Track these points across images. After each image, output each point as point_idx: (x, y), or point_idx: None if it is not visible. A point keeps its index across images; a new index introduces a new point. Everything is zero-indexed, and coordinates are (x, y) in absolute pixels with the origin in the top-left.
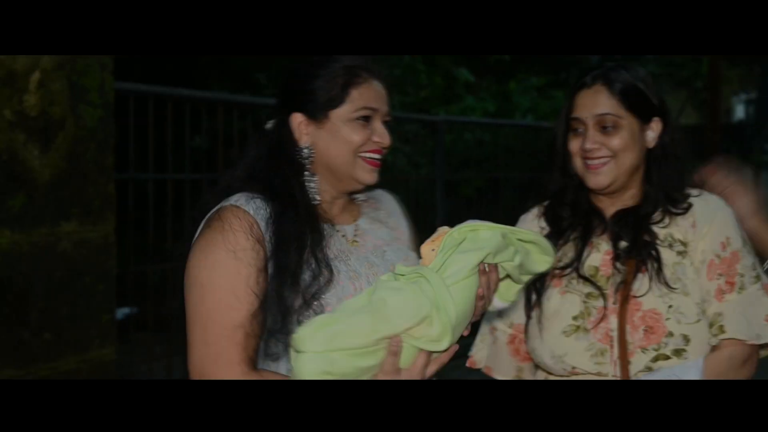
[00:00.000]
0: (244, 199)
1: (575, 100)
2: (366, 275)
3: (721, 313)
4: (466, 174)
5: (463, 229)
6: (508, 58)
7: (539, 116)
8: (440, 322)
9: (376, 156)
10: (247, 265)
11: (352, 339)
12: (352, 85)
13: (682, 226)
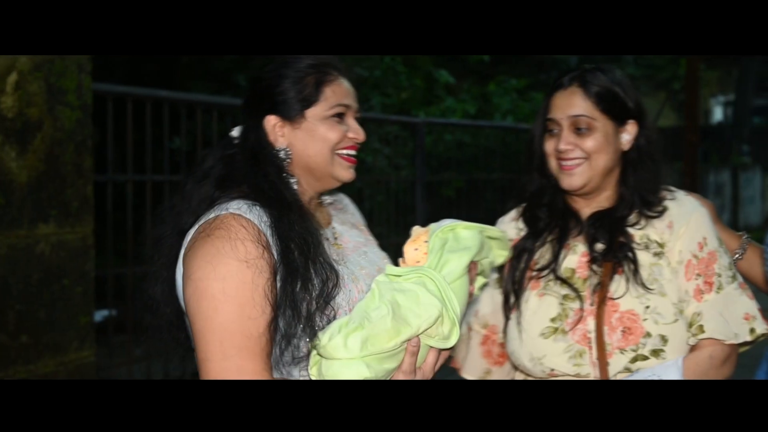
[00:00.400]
0: (246, 207)
1: (551, 101)
2: (362, 277)
3: (700, 313)
4: (447, 175)
5: (445, 229)
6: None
7: (519, 118)
8: (449, 319)
9: (352, 152)
10: (260, 274)
11: (382, 343)
12: (324, 83)
13: (659, 228)
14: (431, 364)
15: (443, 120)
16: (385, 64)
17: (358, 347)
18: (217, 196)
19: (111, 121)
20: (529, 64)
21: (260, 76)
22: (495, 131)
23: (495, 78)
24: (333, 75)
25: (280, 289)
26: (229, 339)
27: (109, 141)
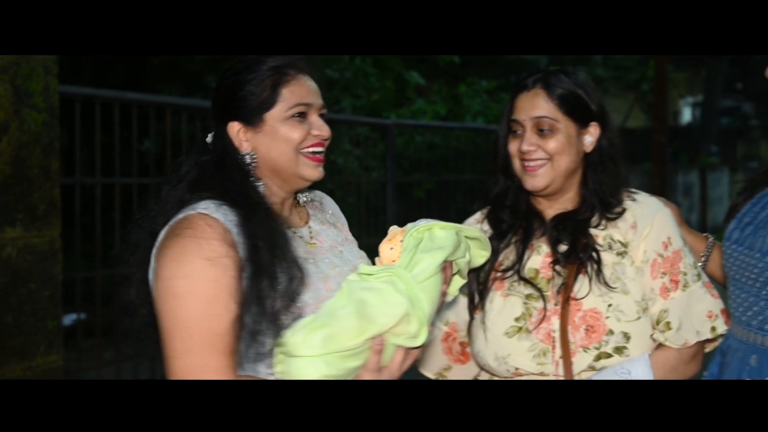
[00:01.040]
0: (213, 207)
1: (515, 102)
2: (333, 276)
3: (667, 310)
4: (417, 176)
5: (420, 228)
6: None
7: (489, 119)
8: (417, 318)
9: (318, 150)
10: (225, 272)
11: (344, 341)
12: (281, 84)
13: (622, 228)
14: (398, 363)
15: (413, 121)
16: (356, 65)
17: (318, 344)
18: (188, 198)
19: (79, 124)
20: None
21: (221, 83)
22: (465, 132)
23: (465, 79)
24: (290, 75)
25: (246, 286)
26: (193, 336)
27: (77, 143)
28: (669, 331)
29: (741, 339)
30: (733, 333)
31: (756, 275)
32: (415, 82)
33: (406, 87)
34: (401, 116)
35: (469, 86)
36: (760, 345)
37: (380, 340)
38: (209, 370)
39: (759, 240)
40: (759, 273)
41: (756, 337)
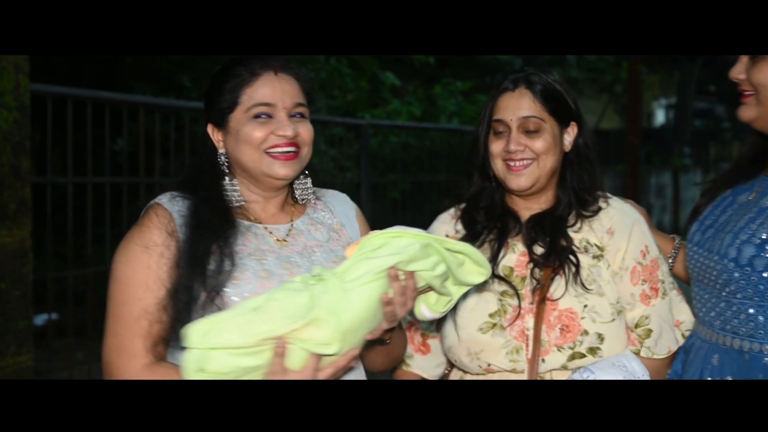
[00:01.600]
0: (167, 198)
1: (497, 103)
2: (280, 275)
3: (648, 317)
4: (392, 177)
5: (387, 234)
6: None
7: (464, 120)
8: (329, 326)
9: (283, 149)
10: (158, 258)
11: (231, 337)
12: (244, 85)
13: (598, 232)
14: (311, 369)
15: (388, 122)
16: (331, 66)
17: (200, 337)
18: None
19: (50, 123)
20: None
21: (209, 85)
22: (440, 133)
23: (440, 80)
24: (254, 75)
25: (178, 274)
26: (119, 318)
27: (49, 142)
28: (649, 338)
29: (704, 338)
30: (697, 331)
31: (716, 277)
32: (390, 82)
33: (381, 87)
34: (376, 117)
35: (444, 87)
36: (722, 345)
37: (282, 342)
38: (126, 353)
39: (718, 243)
40: (718, 275)
41: (718, 337)
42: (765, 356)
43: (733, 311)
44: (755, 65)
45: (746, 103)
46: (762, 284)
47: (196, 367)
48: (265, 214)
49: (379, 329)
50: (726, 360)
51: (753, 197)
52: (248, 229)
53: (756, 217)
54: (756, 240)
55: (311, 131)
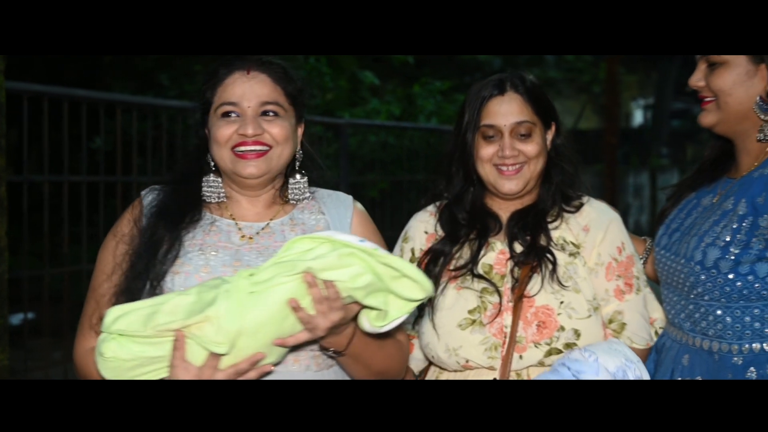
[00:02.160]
0: (148, 191)
1: (486, 108)
2: (223, 272)
3: (622, 312)
4: (371, 176)
5: (316, 239)
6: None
7: (443, 119)
8: (222, 326)
9: (250, 148)
10: (120, 246)
11: (132, 324)
12: (216, 84)
13: (574, 229)
14: (209, 367)
15: (367, 121)
16: (310, 65)
17: (108, 321)
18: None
19: (27, 121)
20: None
21: None
22: (419, 133)
23: (419, 80)
24: (226, 75)
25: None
26: (87, 300)
27: (25, 141)
28: (625, 331)
29: (675, 338)
30: (668, 331)
31: (683, 280)
32: (369, 81)
33: (360, 87)
34: (355, 116)
35: (423, 86)
36: (692, 345)
37: (179, 335)
38: (80, 334)
39: (684, 246)
40: (686, 278)
41: (688, 337)
42: (733, 356)
43: (701, 313)
44: (713, 72)
45: (706, 110)
46: (728, 286)
47: (98, 352)
48: (248, 211)
49: (297, 337)
50: (696, 360)
51: (716, 200)
52: (214, 224)
53: (720, 220)
54: (720, 243)
55: (284, 130)
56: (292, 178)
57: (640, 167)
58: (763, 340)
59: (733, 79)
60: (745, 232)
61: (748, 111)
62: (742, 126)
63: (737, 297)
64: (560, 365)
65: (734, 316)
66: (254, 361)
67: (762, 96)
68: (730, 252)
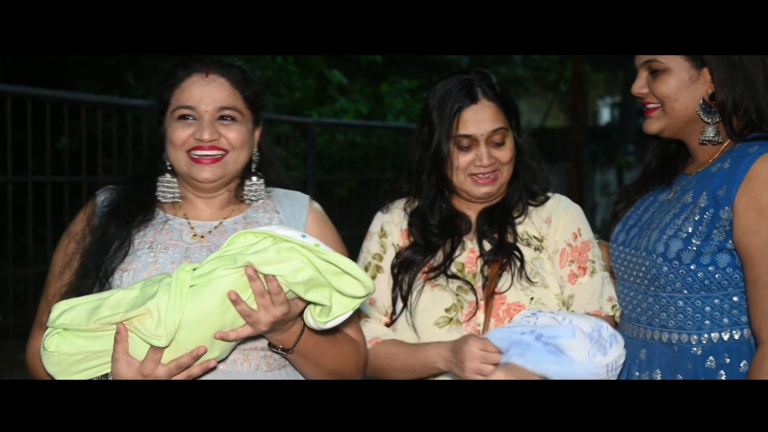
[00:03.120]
0: (103, 190)
1: (461, 117)
2: (171, 269)
3: (573, 295)
4: (339, 175)
5: (259, 233)
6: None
7: (411, 118)
8: (162, 319)
9: (206, 153)
10: (73, 245)
11: (76, 318)
12: (174, 85)
13: (537, 223)
14: (150, 360)
15: (334, 120)
16: (277, 64)
17: (54, 316)
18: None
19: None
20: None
21: None
22: (387, 131)
23: (387, 79)
24: (185, 77)
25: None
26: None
27: None
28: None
29: (630, 335)
30: (623, 330)
31: (644, 273)
32: (337, 80)
33: (328, 86)
34: (323, 115)
35: (391, 85)
36: (650, 339)
37: (121, 328)
38: (33, 333)
39: (645, 240)
40: (647, 270)
41: (645, 331)
42: (693, 347)
43: (661, 305)
44: (657, 79)
45: (652, 117)
46: (690, 276)
47: (44, 345)
48: (202, 211)
49: (240, 331)
50: (653, 354)
51: (672, 196)
52: (166, 223)
53: (680, 213)
54: (683, 234)
55: (241, 135)
56: (248, 180)
57: (607, 165)
58: (722, 330)
59: (677, 85)
60: (707, 224)
61: (694, 114)
62: (690, 128)
63: (698, 287)
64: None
65: (695, 307)
66: (196, 355)
67: (705, 99)
68: (692, 243)
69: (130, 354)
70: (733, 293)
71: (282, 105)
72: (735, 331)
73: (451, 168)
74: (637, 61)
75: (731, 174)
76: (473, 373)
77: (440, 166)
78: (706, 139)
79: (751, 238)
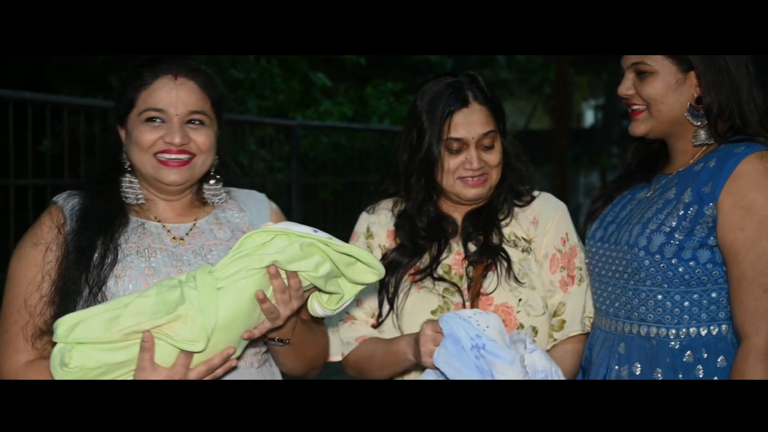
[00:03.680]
0: (65, 196)
1: (452, 120)
2: (167, 273)
3: (565, 303)
4: (323, 178)
5: (270, 231)
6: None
7: (395, 121)
8: (195, 323)
9: (174, 156)
10: (45, 254)
11: (96, 331)
12: (142, 87)
13: (524, 224)
14: (180, 366)
15: (318, 123)
16: (261, 66)
17: (65, 332)
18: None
19: None
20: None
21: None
22: (371, 134)
23: (371, 81)
24: (152, 79)
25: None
26: (7, 315)
27: None
28: (563, 329)
29: (608, 330)
30: (599, 326)
31: (624, 267)
32: (321, 83)
33: (312, 88)
34: (307, 117)
35: (375, 88)
36: (628, 333)
37: (148, 336)
38: (10, 348)
39: (626, 234)
40: (627, 264)
41: (624, 325)
42: (671, 341)
43: (641, 299)
44: (643, 81)
45: (638, 120)
46: (671, 270)
47: (60, 362)
48: (167, 213)
49: (261, 327)
50: (632, 347)
51: (651, 194)
52: (143, 227)
53: (663, 208)
54: (666, 228)
55: (209, 138)
56: (206, 183)
57: (591, 167)
58: (700, 325)
59: (664, 88)
60: (690, 220)
61: (680, 116)
62: (675, 129)
63: (678, 282)
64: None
65: (674, 301)
66: (226, 355)
67: (692, 103)
68: (675, 238)
69: (157, 362)
70: (712, 289)
71: (266, 108)
72: (713, 326)
73: (440, 171)
74: (624, 62)
75: (717, 172)
76: (427, 356)
77: (430, 169)
78: (699, 143)
79: (737, 235)
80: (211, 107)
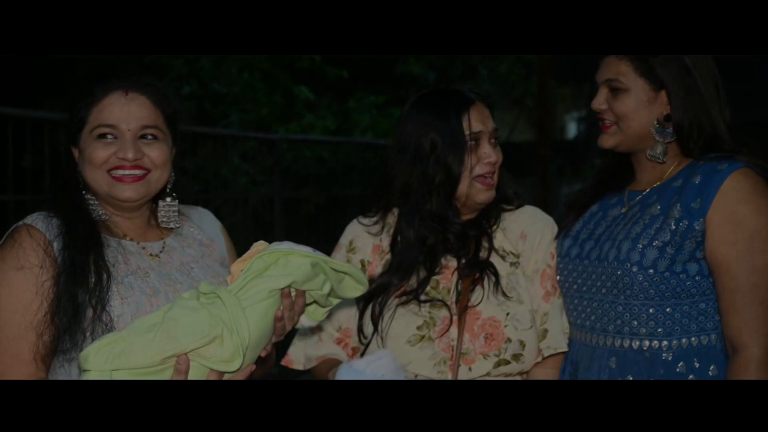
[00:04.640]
0: (41, 218)
1: (469, 114)
2: (165, 292)
3: (548, 313)
4: (306, 191)
5: (276, 252)
6: (347, 76)
7: (378, 134)
8: (233, 343)
9: (127, 172)
10: (35, 278)
11: (137, 358)
12: (92, 104)
13: (512, 237)
14: None
15: (301, 136)
16: (244, 79)
17: (108, 359)
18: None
19: None
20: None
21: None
22: (355, 147)
23: (354, 94)
24: (103, 95)
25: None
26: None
27: None
28: (545, 340)
29: (594, 345)
30: (582, 341)
31: (613, 282)
32: (304, 96)
33: (294, 102)
34: (290, 131)
35: (358, 101)
36: (619, 347)
37: (184, 359)
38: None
39: (612, 251)
40: (617, 280)
41: (614, 340)
42: (663, 352)
43: (633, 313)
44: (616, 97)
45: (608, 133)
46: (663, 284)
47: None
48: (133, 231)
49: (270, 344)
50: (624, 361)
51: (626, 210)
52: (123, 247)
53: (650, 224)
54: (658, 243)
55: (164, 153)
56: (162, 201)
57: (573, 178)
58: (690, 335)
59: (635, 105)
60: (680, 234)
61: (647, 132)
62: (642, 145)
63: (670, 295)
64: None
65: (665, 314)
66: (248, 372)
67: (659, 119)
68: (667, 252)
69: None
70: (700, 300)
71: (249, 121)
72: (702, 336)
73: (461, 175)
74: (598, 78)
75: (704, 188)
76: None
77: (452, 178)
78: (652, 155)
79: (729, 250)
80: (164, 121)
